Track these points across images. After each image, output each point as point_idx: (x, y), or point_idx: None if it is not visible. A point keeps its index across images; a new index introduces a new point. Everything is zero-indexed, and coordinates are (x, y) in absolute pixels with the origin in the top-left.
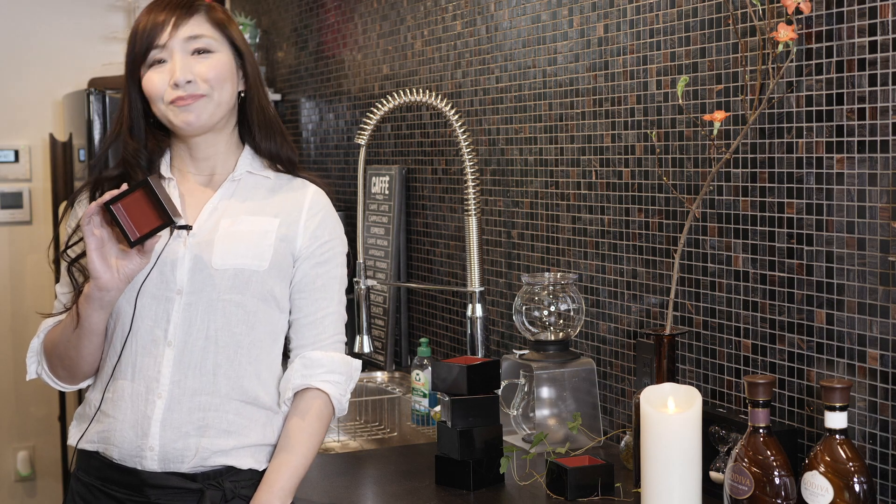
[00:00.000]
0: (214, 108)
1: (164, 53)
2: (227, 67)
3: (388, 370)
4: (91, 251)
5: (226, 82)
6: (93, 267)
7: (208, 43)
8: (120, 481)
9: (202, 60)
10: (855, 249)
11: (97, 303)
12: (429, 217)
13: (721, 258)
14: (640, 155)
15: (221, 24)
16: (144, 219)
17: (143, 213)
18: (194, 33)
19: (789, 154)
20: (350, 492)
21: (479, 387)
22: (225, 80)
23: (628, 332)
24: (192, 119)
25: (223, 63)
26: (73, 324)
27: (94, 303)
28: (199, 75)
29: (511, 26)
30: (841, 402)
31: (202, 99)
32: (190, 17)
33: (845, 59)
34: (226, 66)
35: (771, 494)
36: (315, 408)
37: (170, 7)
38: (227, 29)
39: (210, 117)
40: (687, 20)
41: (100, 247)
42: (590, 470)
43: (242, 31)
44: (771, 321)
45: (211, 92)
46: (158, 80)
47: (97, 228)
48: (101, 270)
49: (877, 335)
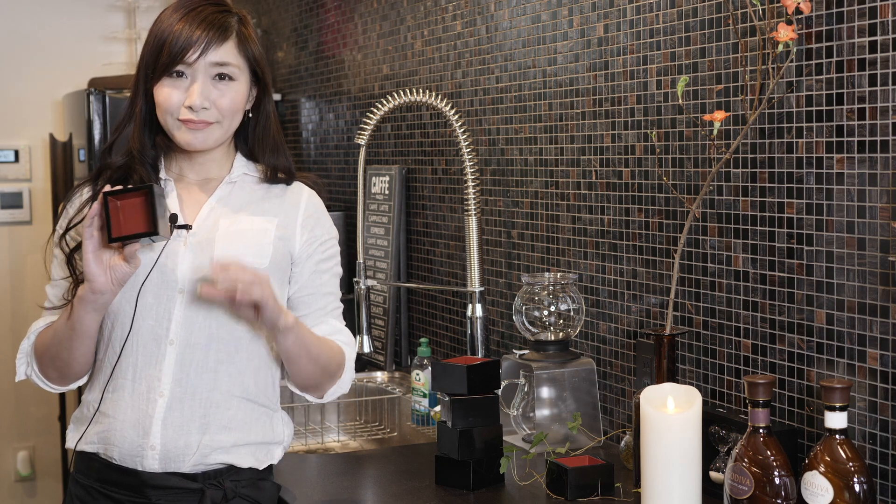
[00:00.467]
0: (221, 134)
1: (187, 71)
2: (243, 97)
3: (388, 370)
4: (87, 252)
5: (238, 112)
6: (88, 269)
7: (232, 71)
8: (120, 482)
9: (221, 88)
10: (855, 249)
11: (91, 305)
12: (429, 217)
13: (721, 258)
14: (640, 155)
15: (248, 51)
16: (133, 221)
17: (135, 215)
18: (222, 60)
19: (789, 154)
20: (350, 492)
21: (479, 387)
22: (238, 110)
23: (628, 332)
24: (198, 143)
25: (240, 94)
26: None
27: (87, 305)
28: (215, 103)
29: (511, 26)
30: (841, 402)
31: (213, 125)
32: (223, 43)
33: (845, 59)
34: (242, 97)
35: (771, 494)
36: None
37: (206, 24)
38: (253, 55)
39: (215, 142)
40: (687, 20)
41: (96, 249)
42: (590, 470)
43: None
44: (771, 321)
45: (222, 120)
46: (173, 96)
47: (97, 230)
48: (96, 273)
49: (877, 335)
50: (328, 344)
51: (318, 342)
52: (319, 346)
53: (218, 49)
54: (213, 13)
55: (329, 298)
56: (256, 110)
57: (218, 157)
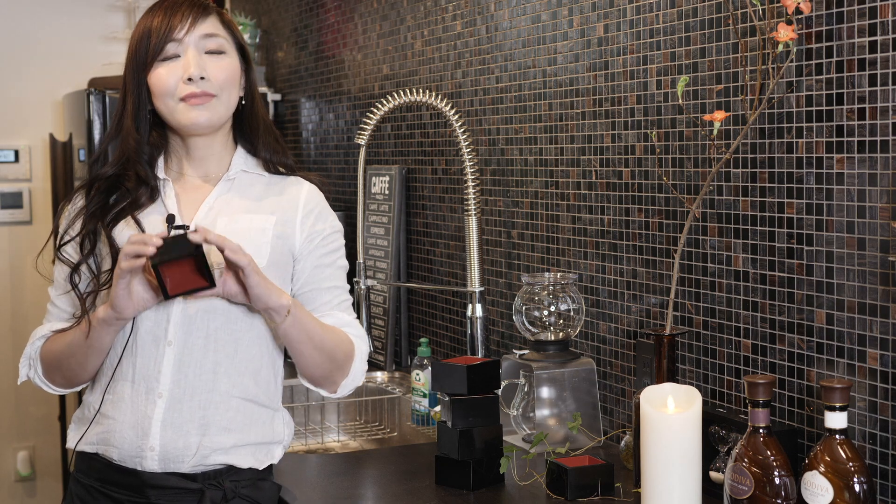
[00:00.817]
0: (224, 110)
1: (178, 48)
2: (236, 71)
3: (388, 370)
4: (119, 289)
5: (234, 86)
6: (117, 301)
7: (221, 44)
8: (120, 482)
9: (215, 61)
10: (855, 249)
11: (114, 327)
12: (429, 217)
13: (721, 258)
14: (640, 155)
15: (232, 28)
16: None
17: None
18: (210, 31)
19: (789, 154)
20: (350, 492)
21: (479, 387)
22: (234, 83)
23: (628, 332)
24: (203, 119)
25: (234, 67)
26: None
27: (111, 327)
28: (211, 75)
29: (511, 26)
30: (841, 402)
31: (213, 99)
32: (206, 17)
33: (845, 59)
34: (236, 70)
35: (771, 494)
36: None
37: (186, 6)
38: (237, 34)
39: (219, 119)
40: (687, 20)
41: (127, 285)
42: (590, 470)
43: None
44: (771, 321)
45: (221, 93)
46: (168, 76)
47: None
48: (124, 304)
49: (877, 335)
50: (333, 331)
51: (322, 328)
52: (323, 332)
53: (204, 22)
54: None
55: (335, 292)
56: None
57: (217, 151)
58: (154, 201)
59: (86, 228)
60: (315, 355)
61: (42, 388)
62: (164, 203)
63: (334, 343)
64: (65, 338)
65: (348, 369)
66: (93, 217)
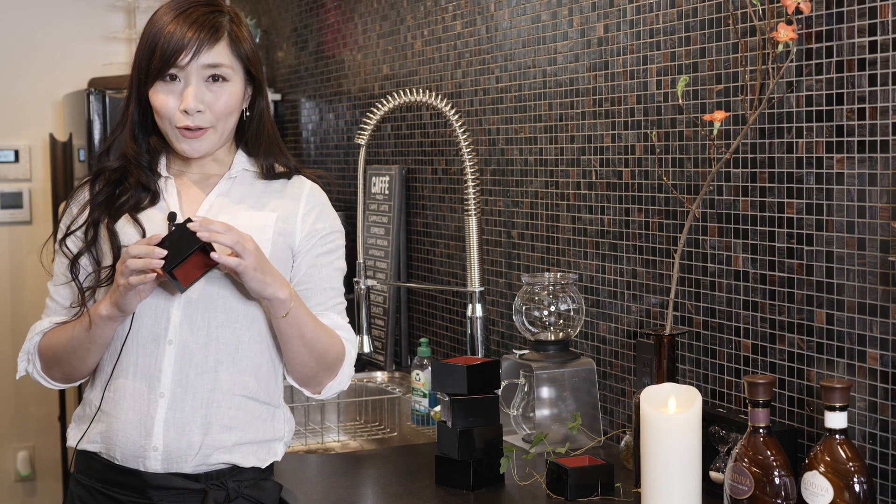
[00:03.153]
0: (218, 139)
1: (179, 74)
2: (237, 98)
3: (388, 370)
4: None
5: (232, 114)
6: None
7: (225, 72)
8: (122, 483)
9: (215, 90)
10: (855, 249)
11: (116, 321)
12: (429, 217)
13: (721, 258)
14: (640, 155)
15: (240, 50)
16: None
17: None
18: (214, 62)
19: (789, 154)
20: (350, 492)
21: (479, 387)
22: (232, 112)
23: (628, 331)
24: (194, 153)
25: (234, 95)
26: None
27: (113, 322)
28: (209, 106)
29: (511, 26)
30: (841, 402)
31: (208, 131)
32: (214, 44)
33: (845, 59)
34: (236, 98)
35: (771, 494)
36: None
37: (196, 26)
38: (246, 54)
39: (212, 147)
40: (687, 20)
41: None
42: (590, 470)
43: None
44: (771, 321)
45: (216, 124)
46: (169, 102)
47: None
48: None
49: (877, 335)
50: (327, 331)
51: (317, 327)
52: (316, 331)
53: (210, 51)
54: (204, 14)
55: (330, 293)
56: (251, 109)
57: (219, 155)
58: (155, 204)
59: (91, 217)
60: (304, 354)
61: (40, 382)
62: (166, 200)
63: (326, 346)
64: (65, 332)
65: (337, 371)
66: (98, 207)
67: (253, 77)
